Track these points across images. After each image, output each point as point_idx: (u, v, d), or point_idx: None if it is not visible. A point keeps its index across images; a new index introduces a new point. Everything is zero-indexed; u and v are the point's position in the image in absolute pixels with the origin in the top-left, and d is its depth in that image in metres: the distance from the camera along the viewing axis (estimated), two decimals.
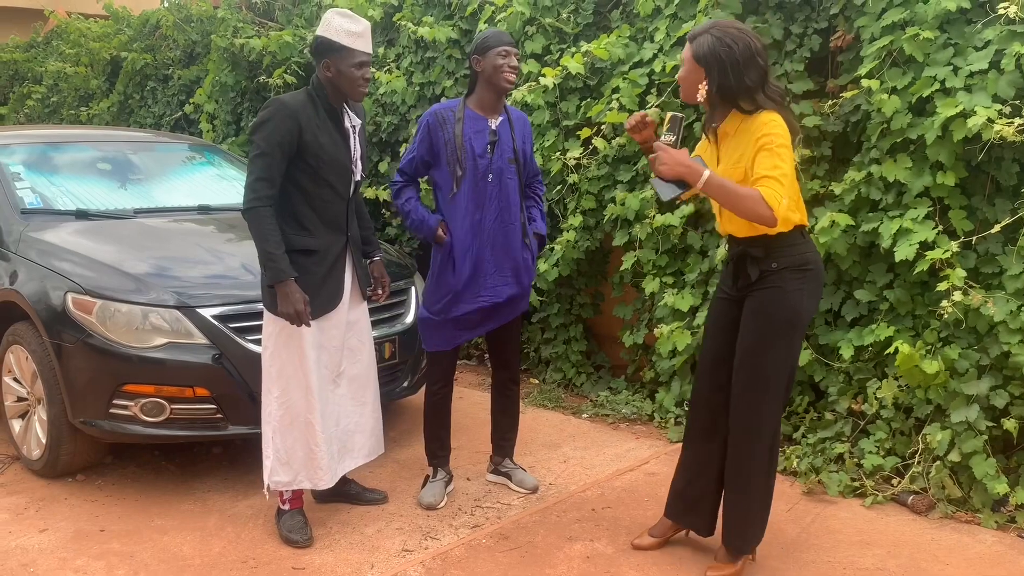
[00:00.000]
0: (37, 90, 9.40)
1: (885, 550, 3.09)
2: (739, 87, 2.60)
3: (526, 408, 4.64)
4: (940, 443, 3.36)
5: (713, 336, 2.93)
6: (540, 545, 3.14)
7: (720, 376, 2.88)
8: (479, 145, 3.25)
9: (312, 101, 3.00)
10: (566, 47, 4.90)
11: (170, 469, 3.83)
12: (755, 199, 2.52)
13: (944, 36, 3.49)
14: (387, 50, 5.92)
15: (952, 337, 3.47)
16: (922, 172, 3.51)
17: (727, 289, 2.89)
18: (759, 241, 2.71)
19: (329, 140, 2.99)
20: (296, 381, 3.03)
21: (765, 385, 2.74)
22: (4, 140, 4.60)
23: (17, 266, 3.76)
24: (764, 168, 2.56)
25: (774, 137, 2.56)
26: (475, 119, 3.27)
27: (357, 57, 2.95)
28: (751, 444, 2.78)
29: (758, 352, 2.73)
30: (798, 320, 2.72)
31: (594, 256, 4.93)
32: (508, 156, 3.30)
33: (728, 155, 2.69)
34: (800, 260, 2.71)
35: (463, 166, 3.24)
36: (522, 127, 3.40)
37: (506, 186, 3.29)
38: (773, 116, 2.60)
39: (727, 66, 2.58)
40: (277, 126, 2.90)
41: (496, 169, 3.27)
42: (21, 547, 3.12)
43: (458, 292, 3.30)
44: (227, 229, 4.25)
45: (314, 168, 2.98)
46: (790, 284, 2.70)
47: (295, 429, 3.05)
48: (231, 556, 3.07)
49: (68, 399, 3.47)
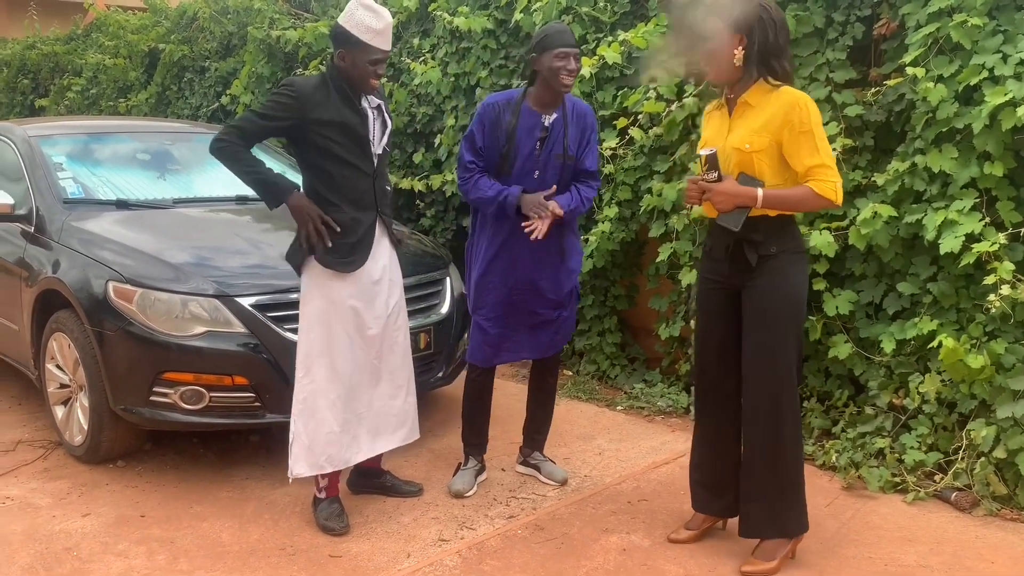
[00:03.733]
0: (77, 82, 9.53)
1: (928, 547, 3.04)
2: (775, 48, 2.64)
3: (560, 399, 4.62)
4: (985, 439, 3.29)
5: (713, 325, 2.92)
6: (576, 537, 3.13)
7: (726, 364, 2.89)
8: (529, 142, 3.22)
9: (325, 83, 3.00)
10: (603, 36, 4.86)
11: (208, 456, 3.87)
12: (812, 198, 2.63)
13: (993, 23, 3.40)
14: (422, 40, 5.91)
15: (998, 331, 3.39)
16: (968, 162, 3.43)
17: (717, 277, 2.87)
18: (758, 224, 2.71)
19: (338, 116, 2.98)
20: (322, 361, 3.03)
21: (785, 377, 2.75)
22: (46, 131, 4.67)
23: (59, 255, 3.82)
24: (808, 157, 2.62)
25: (812, 117, 2.61)
26: (529, 114, 3.23)
27: (373, 54, 2.93)
28: (777, 436, 2.76)
29: (771, 345, 2.73)
30: (802, 303, 2.77)
31: (629, 247, 4.89)
32: (557, 153, 3.25)
33: (746, 124, 2.69)
34: (795, 244, 2.77)
35: (511, 162, 3.22)
36: (580, 122, 3.29)
37: (549, 184, 3.25)
38: (802, 94, 2.65)
39: (766, 26, 2.62)
40: (277, 101, 2.96)
41: (543, 166, 3.24)
42: (65, 531, 3.18)
43: (495, 284, 3.30)
44: (264, 219, 4.27)
45: (325, 147, 2.97)
46: (788, 268, 2.73)
47: (318, 411, 3.05)
48: (269, 543, 3.09)
49: (109, 386, 3.52)
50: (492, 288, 3.33)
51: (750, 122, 2.68)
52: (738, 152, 2.69)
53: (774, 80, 2.66)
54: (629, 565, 2.93)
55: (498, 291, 3.33)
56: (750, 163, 2.68)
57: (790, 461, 2.79)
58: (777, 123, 2.62)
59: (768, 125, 2.64)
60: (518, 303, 3.34)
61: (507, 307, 3.34)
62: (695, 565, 2.93)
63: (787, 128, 2.61)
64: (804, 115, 2.60)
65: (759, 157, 2.67)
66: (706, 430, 3.00)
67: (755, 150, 2.66)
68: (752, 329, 2.77)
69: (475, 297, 3.40)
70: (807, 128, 2.60)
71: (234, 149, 2.97)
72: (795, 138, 2.62)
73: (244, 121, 2.99)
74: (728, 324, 2.86)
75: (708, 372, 2.96)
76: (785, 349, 2.73)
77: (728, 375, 2.89)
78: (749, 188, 2.65)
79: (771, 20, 2.63)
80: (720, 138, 2.78)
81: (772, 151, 2.66)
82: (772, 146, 2.65)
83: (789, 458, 2.78)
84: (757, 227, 2.71)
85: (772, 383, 2.74)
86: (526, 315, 3.37)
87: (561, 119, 3.25)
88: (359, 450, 3.18)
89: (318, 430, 3.06)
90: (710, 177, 2.71)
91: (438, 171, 5.82)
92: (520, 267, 3.30)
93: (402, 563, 2.95)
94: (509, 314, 3.36)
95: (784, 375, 2.74)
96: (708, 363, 2.95)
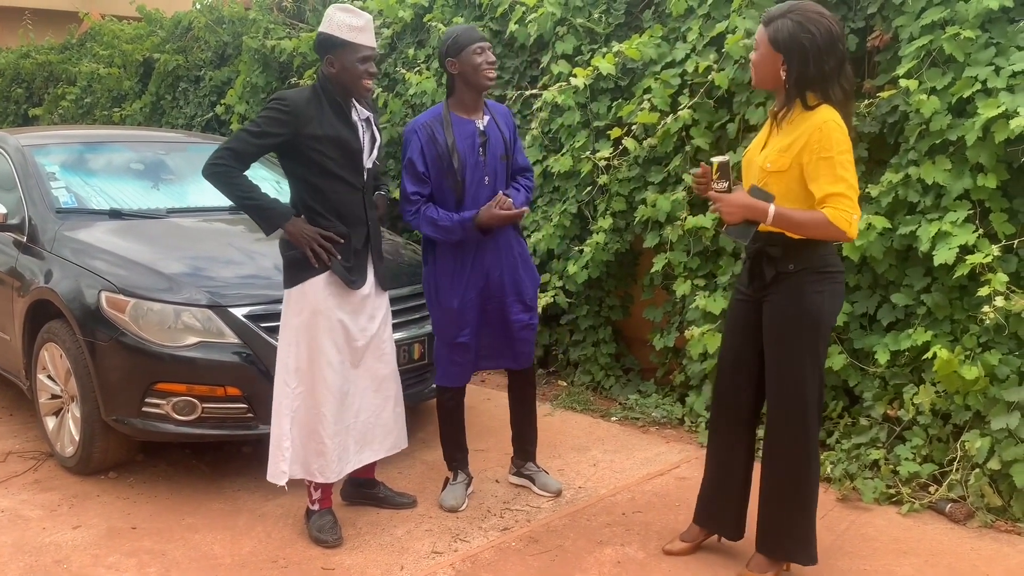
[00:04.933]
0: (71, 91, 9.52)
1: (923, 559, 3.03)
2: (817, 76, 2.52)
3: (554, 410, 4.62)
4: (979, 450, 3.29)
5: (732, 338, 2.89)
6: (570, 549, 3.12)
7: (741, 378, 2.85)
8: (472, 152, 3.22)
9: (317, 96, 2.98)
10: (597, 47, 4.87)
11: (201, 468, 3.85)
12: (823, 225, 2.49)
13: (986, 35, 3.42)
14: (417, 51, 5.92)
15: (992, 343, 3.40)
16: (962, 174, 3.44)
17: (743, 289, 2.84)
18: (778, 239, 2.63)
19: (332, 131, 2.97)
20: (312, 374, 3.02)
21: (800, 395, 2.68)
22: (39, 140, 4.66)
23: (52, 265, 3.80)
24: (827, 184, 2.49)
25: (834, 144, 2.48)
26: (462, 123, 3.23)
27: (360, 51, 2.92)
28: (792, 456, 2.72)
29: (785, 362, 2.68)
30: (820, 323, 2.64)
31: (624, 258, 4.89)
32: (500, 153, 3.28)
33: (777, 141, 2.62)
34: (820, 263, 2.63)
35: (461, 176, 3.20)
36: (506, 121, 3.35)
37: (500, 185, 3.29)
38: (832, 115, 2.51)
39: (808, 54, 2.50)
40: (270, 117, 2.93)
41: (491, 171, 3.26)
42: (55, 543, 3.15)
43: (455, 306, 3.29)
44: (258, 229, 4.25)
45: (318, 162, 2.96)
46: (807, 286, 2.62)
47: (310, 422, 3.04)
48: (261, 555, 3.07)
49: (101, 397, 3.50)
50: (471, 307, 3.31)
51: (780, 140, 2.60)
52: (760, 170, 2.64)
53: (811, 103, 2.56)
54: None
55: (476, 308, 3.32)
56: (767, 183, 2.61)
57: (800, 485, 2.73)
58: (801, 144, 2.52)
59: (792, 146, 2.54)
60: (493, 311, 3.34)
61: (483, 321, 3.35)
62: None
63: (808, 151, 2.51)
64: (827, 141, 2.48)
65: (777, 178, 2.58)
66: (716, 447, 2.97)
67: (775, 170, 2.59)
68: (768, 346, 2.73)
69: (451, 324, 3.34)
70: (828, 155, 2.47)
71: (229, 173, 2.93)
72: (815, 163, 2.50)
73: (237, 142, 2.95)
74: (746, 337, 2.81)
75: (723, 387, 2.92)
76: (799, 368, 2.66)
77: (741, 391, 2.85)
78: (759, 203, 2.55)
79: (817, 48, 2.48)
80: (756, 151, 2.71)
81: (793, 173, 2.56)
82: (794, 168, 2.55)
83: (799, 483, 2.73)
84: (776, 242, 2.63)
85: (786, 401, 2.69)
86: (501, 324, 3.37)
87: (492, 120, 3.28)
88: (348, 461, 3.16)
89: (309, 441, 3.05)
90: (719, 187, 2.62)
91: None
92: (492, 276, 3.30)
93: None
94: (484, 325, 3.36)
95: (798, 395, 2.66)
96: (724, 377, 2.91)
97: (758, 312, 2.76)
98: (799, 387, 2.67)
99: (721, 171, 2.63)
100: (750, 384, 2.84)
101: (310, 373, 3.03)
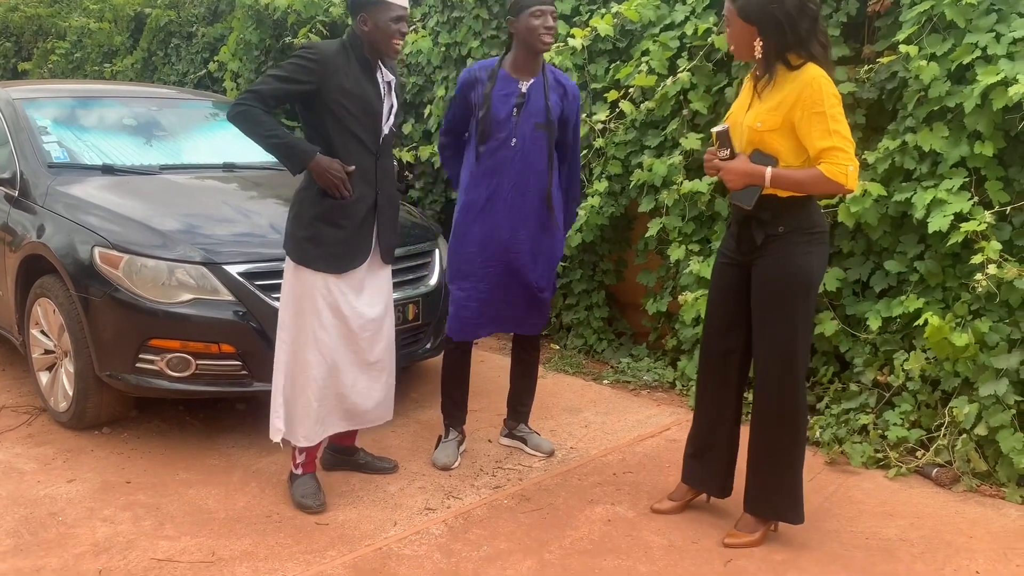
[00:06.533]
0: (61, 45, 9.38)
1: (908, 521, 3.08)
2: (794, 40, 2.57)
3: (546, 373, 4.65)
4: (967, 416, 3.33)
5: (719, 301, 2.92)
6: (561, 507, 3.16)
7: (730, 340, 2.90)
8: (505, 108, 3.21)
9: (346, 51, 2.96)
10: (596, 8, 4.82)
11: (194, 424, 3.87)
12: (822, 181, 2.56)
13: (987, 1, 3.40)
14: (413, 9, 5.84)
15: (983, 310, 3.42)
16: (959, 141, 3.44)
17: (730, 253, 2.87)
18: (768, 203, 2.68)
19: (357, 87, 2.94)
20: (307, 337, 3.00)
21: (790, 356, 2.73)
22: (30, 94, 4.60)
23: (44, 219, 3.78)
24: (820, 139, 2.55)
25: (825, 97, 2.53)
26: (506, 81, 3.23)
27: (394, 11, 2.90)
28: (781, 416, 2.77)
29: (777, 322, 2.72)
30: (809, 282, 2.71)
31: (618, 222, 4.89)
32: (536, 120, 3.23)
33: (764, 100, 2.65)
34: (808, 223, 2.70)
35: (489, 129, 3.21)
36: (563, 96, 3.29)
37: (529, 152, 3.23)
38: (819, 71, 2.56)
39: (782, 23, 2.55)
40: (302, 63, 2.89)
41: (521, 134, 3.22)
42: (50, 496, 3.17)
43: (472, 254, 3.29)
44: (252, 187, 4.24)
45: (339, 116, 2.92)
46: (796, 248, 2.68)
47: (298, 381, 3.03)
48: (255, 511, 3.10)
49: (95, 352, 3.50)
50: (469, 258, 3.31)
51: (767, 100, 2.64)
52: (751, 130, 2.67)
53: (795, 63, 2.60)
54: (613, 535, 2.96)
55: (475, 261, 3.31)
56: (763, 142, 2.65)
57: (789, 444, 2.78)
58: (791, 102, 2.57)
59: (782, 104, 2.59)
60: (495, 275, 3.32)
61: (486, 279, 3.33)
62: (679, 536, 2.96)
63: (799, 108, 2.56)
64: (817, 95, 2.53)
65: (771, 136, 2.63)
66: (705, 405, 3.01)
67: (766, 129, 2.62)
68: (757, 308, 2.77)
69: (452, 267, 3.38)
70: (820, 109, 2.53)
71: (254, 113, 2.88)
72: (808, 119, 2.55)
73: (263, 84, 2.90)
74: (735, 300, 2.85)
75: (711, 348, 2.96)
76: (790, 331, 2.71)
77: (730, 353, 2.90)
78: (758, 168, 2.62)
79: (788, 15, 2.53)
80: (741, 112, 2.75)
81: (785, 131, 2.61)
82: (785, 126, 2.60)
83: (788, 442, 2.78)
84: (765, 206, 2.68)
85: (777, 365, 2.74)
86: (506, 288, 3.35)
87: (542, 85, 3.24)
88: (332, 424, 3.14)
89: (297, 401, 3.04)
90: (722, 155, 2.70)
91: (427, 142, 5.78)
92: (500, 235, 3.28)
93: (388, 531, 2.96)
94: (489, 287, 3.34)
95: (788, 356, 2.72)
96: (712, 338, 2.95)
97: (746, 275, 2.80)
98: (790, 346, 2.72)
99: (721, 140, 2.70)
100: (738, 346, 2.89)
101: (302, 335, 3.00)
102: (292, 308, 3.02)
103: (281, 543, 2.88)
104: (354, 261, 3.03)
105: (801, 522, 2.85)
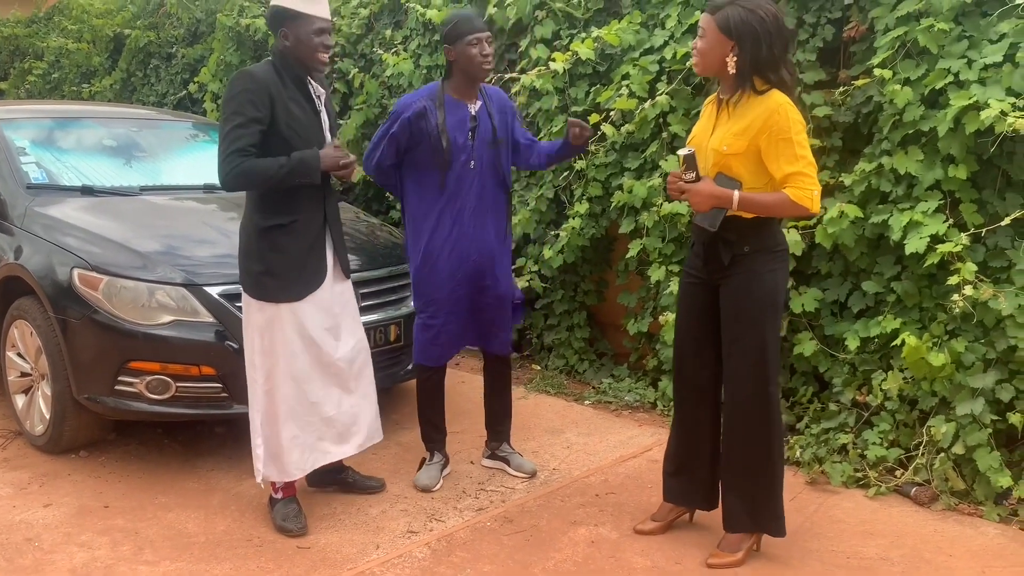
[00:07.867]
0: (38, 66, 9.33)
1: (888, 540, 3.10)
2: (768, 59, 2.62)
3: (528, 393, 4.65)
4: (944, 435, 3.36)
5: (689, 320, 2.96)
6: (544, 529, 3.15)
7: (702, 358, 2.93)
8: (462, 134, 3.25)
9: (277, 72, 2.90)
10: (576, 32, 4.87)
11: (173, 447, 3.83)
12: (787, 205, 2.64)
13: (959, 28, 3.47)
14: (395, 32, 5.88)
15: (959, 330, 3.47)
16: (933, 165, 3.50)
17: (696, 272, 2.91)
18: (732, 224, 2.73)
19: (300, 111, 2.92)
20: (280, 369, 2.96)
21: (762, 372, 2.77)
22: (9, 115, 4.57)
23: (22, 240, 3.74)
24: (787, 164, 2.62)
25: (792, 124, 2.60)
26: (455, 106, 3.26)
27: (315, 23, 2.85)
28: (758, 432, 2.80)
29: (748, 339, 2.76)
30: (776, 299, 2.78)
31: (599, 243, 4.92)
32: (488, 140, 3.30)
33: (729, 125, 2.70)
34: (771, 242, 2.77)
35: (448, 156, 3.22)
36: (501, 106, 3.38)
37: (485, 171, 3.31)
38: (784, 99, 2.63)
39: (760, 37, 2.59)
40: (251, 98, 2.81)
41: (478, 156, 3.28)
42: (25, 521, 3.12)
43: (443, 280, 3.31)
44: (232, 208, 4.22)
45: (287, 140, 2.87)
46: (762, 266, 2.74)
47: (278, 418, 2.99)
48: (235, 534, 3.07)
49: (73, 375, 3.46)
50: (440, 284, 3.31)
51: (733, 124, 2.69)
52: (716, 153, 2.71)
53: (760, 88, 2.65)
54: (597, 557, 2.96)
55: (445, 288, 3.32)
56: (727, 165, 2.70)
57: (766, 458, 2.81)
58: (756, 128, 2.62)
59: (748, 129, 2.64)
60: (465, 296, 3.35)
61: (458, 301, 3.35)
62: (662, 557, 2.96)
63: (765, 134, 2.61)
64: (784, 123, 2.59)
65: (736, 160, 2.68)
66: (682, 424, 3.03)
67: (732, 152, 2.67)
68: (728, 327, 2.80)
69: (422, 296, 3.37)
70: (787, 136, 2.59)
71: (246, 166, 2.79)
72: (775, 144, 2.61)
73: (235, 142, 2.79)
74: (705, 320, 2.89)
75: (685, 367, 2.99)
76: (761, 347, 2.75)
77: (703, 369, 2.93)
78: (724, 191, 2.67)
79: (767, 32, 2.58)
80: (704, 136, 2.79)
81: (750, 155, 2.67)
82: (750, 150, 2.66)
83: (766, 455, 2.81)
84: (730, 226, 2.73)
85: (750, 380, 2.77)
86: (475, 306, 3.39)
87: (485, 105, 3.31)
88: (327, 452, 3.13)
89: (280, 436, 3.00)
90: (688, 177, 2.73)
91: None
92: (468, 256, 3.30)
93: (371, 555, 2.94)
94: (459, 309, 3.36)
95: (761, 372, 2.76)
96: (685, 358, 2.98)
97: (713, 294, 2.85)
98: (761, 361, 2.76)
99: (687, 163, 2.73)
100: (710, 363, 2.93)
101: (275, 368, 2.96)
102: (259, 345, 2.98)
103: (262, 567, 2.85)
104: (313, 283, 3.00)
105: (783, 535, 2.87)
